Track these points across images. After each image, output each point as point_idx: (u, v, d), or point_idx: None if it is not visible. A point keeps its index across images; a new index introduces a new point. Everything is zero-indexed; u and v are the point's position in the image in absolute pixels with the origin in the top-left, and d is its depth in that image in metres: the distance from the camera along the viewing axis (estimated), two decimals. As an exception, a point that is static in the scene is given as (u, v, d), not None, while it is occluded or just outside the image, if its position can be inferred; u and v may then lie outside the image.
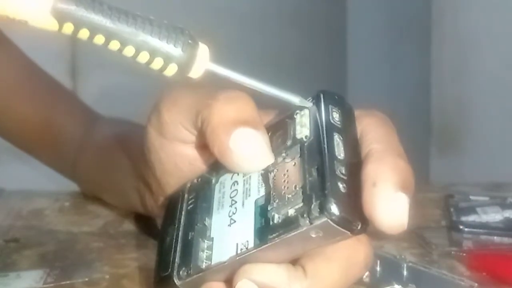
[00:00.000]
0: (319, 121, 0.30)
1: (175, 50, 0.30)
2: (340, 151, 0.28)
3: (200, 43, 0.31)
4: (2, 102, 0.60)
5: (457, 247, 0.48)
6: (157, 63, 0.30)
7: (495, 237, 0.49)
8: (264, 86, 0.32)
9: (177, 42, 0.30)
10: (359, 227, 0.27)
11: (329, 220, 0.26)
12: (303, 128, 0.30)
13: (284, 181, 0.29)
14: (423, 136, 1.63)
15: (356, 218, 0.27)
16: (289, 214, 0.28)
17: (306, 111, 0.31)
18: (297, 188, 0.28)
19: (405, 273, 0.42)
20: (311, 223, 0.27)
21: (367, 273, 0.41)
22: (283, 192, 0.29)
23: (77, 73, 1.32)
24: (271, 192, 0.30)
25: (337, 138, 0.29)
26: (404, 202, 0.27)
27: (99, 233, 0.53)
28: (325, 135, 0.29)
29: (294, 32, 1.76)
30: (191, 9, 1.56)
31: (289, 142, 0.31)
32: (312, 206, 0.27)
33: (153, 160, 0.39)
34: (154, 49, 0.30)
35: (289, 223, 0.28)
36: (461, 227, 0.50)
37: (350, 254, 0.30)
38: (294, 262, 0.30)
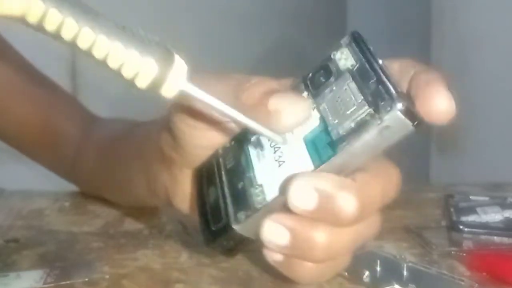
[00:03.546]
0: (363, 51, 0.34)
1: (148, 62, 0.28)
2: (386, 69, 0.33)
3: (176, 59, 0.29)
4: (0, 105, 0.60)
5: (457, 247, 0.48)
6: (127, 73, 0.28)
7: (495, 237, 0.49)
8: (243, 118, 0.33)
9: (152, 54, 0.28)
10: (417, 122, 0.31)
11: (398, 112, 0.31)
12: (347, 61, 0.35)
13: (339, 104, 0.34)
14: (423, 136, 1.63)
15: (415, 113, 0.31)
16: (356, 121, 0.32)
17: (345, 49, 0.35)
18: (358, 102, 0.33)
19: (405, 273, 0.42)
20: (381, 120, 0.31)
21: (367, 273, 0.41)
22: (341, 112, 0.33)
23: (77, 73, 1.32)
24: (327, 118, 0.34)
25: (379, 60, 0.33)
26: (451, 95, 0.32)
27: (99, 233, 0.53)
28: (373, 59, 0.33)
29: (294, 32, 1.76)
30: (191, 9, 1.56)
31: (333, 78, 0.35)
32: (381, 105, 0.31)
33: (181, 138, 0.40)
34: (125, 58, 0.28)
35: (358, 128, 0.32)
36: (461, 227, 0.50)
37: (390, 176, 0.34)
38: None
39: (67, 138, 0.61)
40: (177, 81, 0.29)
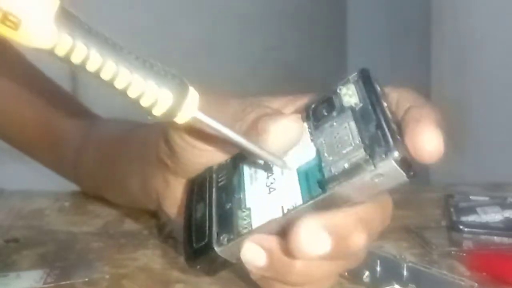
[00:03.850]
0: (369, 90, 0.34)
1: (165, 93, 0.30)
2: (387, 112, 0.33)
3: (190, 90, 0.31)
4: (2, 105, 0.60)
5: (457, 247, 0.48)
6: (145, 102, 0.30)
7: (495, 237, 0.49)
8: (249, 144, 0.33)
9: (168, 86, 0.30)
10: (412, 172, 0.31)
11: (393, 161, 0.30)
12: (351, 98, 0.35)
13: (336, 142, 0.34)
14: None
15: (411, 164, 0.31)
16: (350, 163, 0.32)
17: (351, 86, 0.35)
18: (355, 143, 0.32)
19: (405, 273, 0.42)
20: (375, 166, 0.30)
21: (367, 273, 0.41)
22: (337, 149, 0.33)
23: (77, 74, 1.32)
24: (322, 153, 0.34)
25: (384, 103, 0.33)
26: (440, 134, 0.32)
27: (99, 233, 0.53)
28: (377, 101, 0.33)
29: (294, 32, 1.76)
30: (191, 9, 1.56)
31: (335, 112, 0.35)
32: (377, 151, 0.31)
33: (178, 152, 0.40)
34: (144, 89, 0.30)
35: (350, 170, 0.31)
36: (461, 227, 0.50)
37: (387, 205, 0.35)
38: None
39: (68, 138, 0.61)
40: (190, 110, 0.31)
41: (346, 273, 0.42)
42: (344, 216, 0.32)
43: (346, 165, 0.32)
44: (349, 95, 0.35)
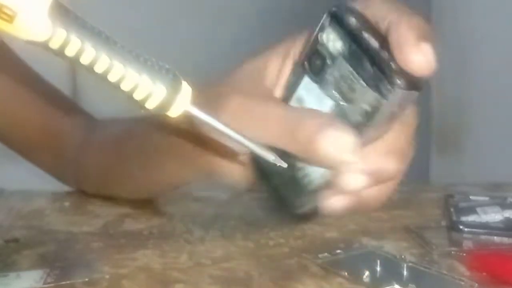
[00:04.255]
0: (346, 29, 0.36)
1: (158, 87, 0.30)
2: (372, 42, 0.35)
3: (184, 84, 0.31)
4: (1, 108, 0.60)
5: (457, 247, 0.48)
6: (138, 95, 0.30)
7: (495, 237, 0.49)
8: (241, 138, 0.33)
9: (161, 80, 0.30)
10: (420, 84, 0.34)
11: (400, 89, 0.34)
12: (335, 43, 0.36)
13: (345, 89, 0.36)
14: (423, 136, 1.63)
15: (416, 79, 0.34)
16: (367, 105, 0.35)
17: (329, 30, 0.36)
18: (361, 84, 0.35)
19: (405, 273, 0.42)
20: (387, 99, 0.34)
21: (367, 273, 0.41)
22: (349, 96, 0.36)
23: (77, 74, 1.32)
24: (339, 102, 0.36)
25: (365, 34, 0.35)
26: (427, 48, 0.33)
27: (99, 233, 0.53)
28: (358, 37, 0.35)
29: (294, 32, 1.76)
30: (191, 9, 1.56)
31: (329, 61, 0.37)
32: (382, 88, 0.34)
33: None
34: (137, 82, 0.30)
35: (370, 111, 0.35)
36: (461, 227, 0.50)
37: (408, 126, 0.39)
38: None
39: (69, 140, 0.61)
40: (183, 104, 0.31)
41: (346, 273, 0.42)
42: (375, 151, 0.37)
43: (366, 107, 0.35)
44: (332, 40, 0.36)
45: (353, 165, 0.36)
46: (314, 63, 0.37)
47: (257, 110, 0.39)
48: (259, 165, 0.42)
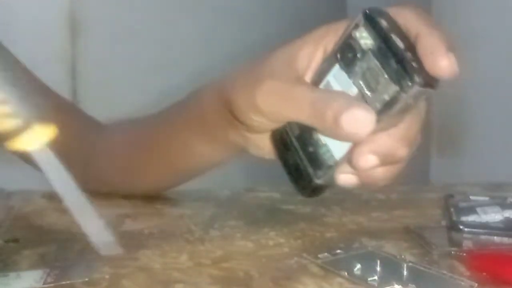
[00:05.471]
0: (378, 29, 0.40)
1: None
2: (399, 43, 0.40)
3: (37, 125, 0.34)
4: None
5: (457, 247, 0.48)
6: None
7: (495, 237, 0.49)
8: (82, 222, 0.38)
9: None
10: (435, 84, 0.39)
11: (418, 86, 0.38)
12: (367, 40, 0.41)
13: (370, 80, 0.40)
14: (423, 136, 1.62)
15: (432, 79, 0.39)
16: (388, 96, 0.39)
17: (362, 29, 0.41)
18: (385, 78, 0.39)
19: (405, 273, 0.42)
20: (406, 94, 0.38)
21: (367, 273, 0.41)
22: (373, 87, 0.40)
23: (77, 73, 1.32)
24: (363, 91, 0.41)
25: (393, 35, 0.40)
26: (453, 57, 0.39)
27: (99, 233, 0.53)
28: (387, 37, 0.40)
29: (295, 32, 1.76)
30: (191, 9, 1.56)
31: (359, 55, 0.41)
32: (403, 83, 0.38)
33: (249, 125, 0.47)
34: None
35: (390, 101, 0.39)
36: (461, 227, 0.50)
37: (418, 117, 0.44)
38: None
39: (73, 144, 0.61)
40: (33, 140, 0.32)
41: (346, 273, 0.42)
42: (389, 137, 0.41)
43: (386, 97, 0.39)
44: (364, 38, 0.41)
45: (369, 145, 0.41)
46: (345, 55, 0.42)
47: (290, 92, 0.43)
48: (282, 141, 0.46)
